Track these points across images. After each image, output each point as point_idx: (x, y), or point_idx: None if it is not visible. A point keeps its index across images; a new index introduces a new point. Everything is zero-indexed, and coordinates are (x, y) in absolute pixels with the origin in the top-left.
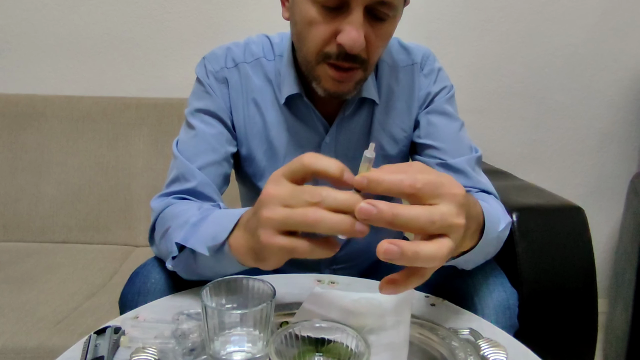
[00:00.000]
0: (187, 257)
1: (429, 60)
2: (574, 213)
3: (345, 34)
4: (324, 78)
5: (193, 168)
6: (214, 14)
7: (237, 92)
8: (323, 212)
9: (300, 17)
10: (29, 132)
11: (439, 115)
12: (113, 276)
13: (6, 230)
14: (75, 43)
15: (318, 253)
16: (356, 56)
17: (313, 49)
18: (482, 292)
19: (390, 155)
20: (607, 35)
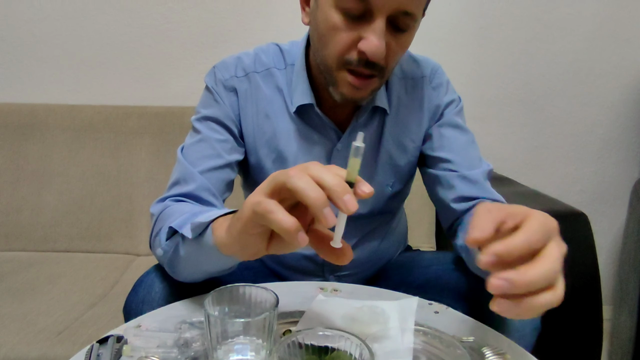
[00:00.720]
0: (175, 245)
1: (438, 73)
2: (577, 219)
3: (368, 41)
4: (342, 83)
5: (193, 171)
6: (215, 23)
7: (246, 101)
8: (307, 175)
9: (324, 22)
10: (32, 141)
11: (451, 128)
12: (115, 285)
13: (8, 240)
14: (77, 53)
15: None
16: (375, 64)
17: (334, 54)
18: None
19: (399, 165)
20: (606, 42)
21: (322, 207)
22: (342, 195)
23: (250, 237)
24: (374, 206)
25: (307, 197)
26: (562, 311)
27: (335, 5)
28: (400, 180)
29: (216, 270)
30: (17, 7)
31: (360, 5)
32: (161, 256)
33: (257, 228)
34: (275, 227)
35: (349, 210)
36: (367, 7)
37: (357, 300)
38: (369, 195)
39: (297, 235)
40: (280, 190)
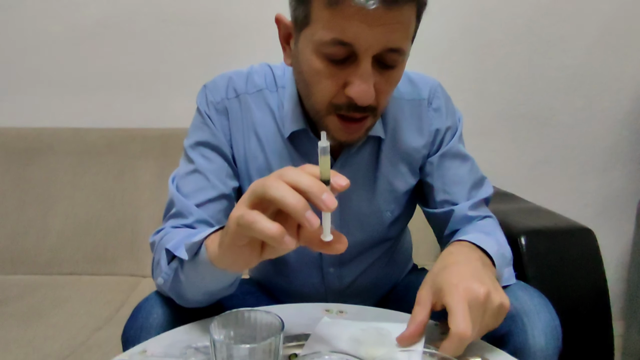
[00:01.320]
0: (173, 271)
1: (437, 94)
2: (583, 235)
3: (355, 87)
4: (334, 129)
5: (190, 205)
6: (217, 44)
7: (237, 124)
8: (283, 183)
9: (307, 68)
10: (37, 165)
11: (453, 157)
12: (120, 308)
13: (13, 264)
14: (81, 77)
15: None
16: (366, 106)
17: (321, 101)
18: (531, 313)
19: (398, 191)
20: (606, 56)
21: (303, 212)
22: (320, 195)
23: (240, 249)
24: (374, 234)
25: (287, 204)
26: (572, 328)
27: (316, 50)
28: (400, 206)
29: (218, 288)
30: (23, 33)
31: (343, 50)
32: (162, 285)
33: (245, 239)
34: (260, 236)
35: (329, 208)
36: (350, 50)
37: (363, 322)
38: (345, 187)
39: (283, 240)
40: (260, 200)
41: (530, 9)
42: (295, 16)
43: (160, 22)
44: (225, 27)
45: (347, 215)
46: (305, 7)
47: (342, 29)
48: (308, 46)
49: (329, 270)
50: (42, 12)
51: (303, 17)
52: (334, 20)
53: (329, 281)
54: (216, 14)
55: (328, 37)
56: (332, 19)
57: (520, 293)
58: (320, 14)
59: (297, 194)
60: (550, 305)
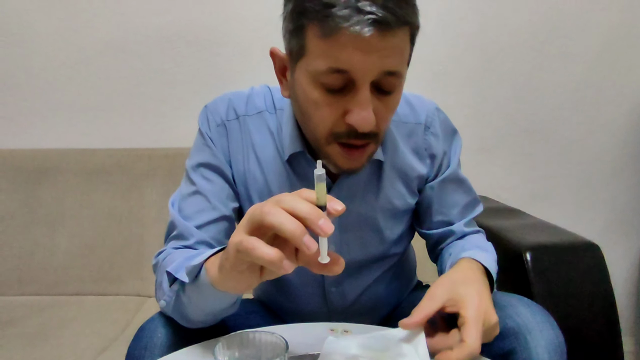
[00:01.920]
0: (175, 294)
1: (434, 118)
2: (589, 250)
3: (355, 114)
4: (335, 157)
5: (190, 227)
6: (223, 65)
7: (237, 145)
8: (280, 209)
9: (304, 98)
10: (45, 185)
11: (452, 182)
12: (126, 329)
13: (21, 284)
14: (89, 98)
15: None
16: (367, 133)
17: (322, 130)
18: (534, 331)
19: (399, 210)
20: (607, 70)
21: (301, 237)
22: (317, 221)
23: (240, 273)
24: (375, 252)
25: (285, 231)
26: (580, 345)
27: (313, 81)
28: (400, 224)
29: (220, 309)
30: (32, 56)
31: (341, 78)
32: (164, 307)
33: (245, 264)
34: (259, 262)
35: (326, 234)
36: (348, 78)
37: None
38: (340, 212)
39: (282, 265)
40: (259, 226)
41: (532, 24)
42: (290, 48)
43: (166, 43)
44: (230, 48)
45: (347, 234)
46: (299, 38)
47: (338, 58)
48: (305, 77)
49: (331, 289)
50: (50, 35)
51: (298, 49)
52: (329, 50)
53: (331, 300)
54: (221, 36)
55: (324, 66)
56: (327, 48)
57: (523, 310)
58: (315, 44)
59: (295, 220)
60: (554, 322)
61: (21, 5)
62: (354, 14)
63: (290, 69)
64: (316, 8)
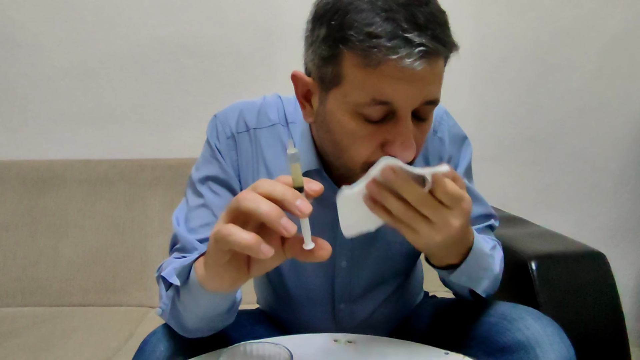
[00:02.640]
0: (171, 300)
1: (442, 122)
2: (595, 259)
3: (398, 146)
4: None
5: (193, 240)
6: (225, 76)
7: (247, 159)
8: (256, 194)
9: (339, 128)
10: (49, 196)
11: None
12: (129, 339)
13: (24, 295)
14: (93, 109)
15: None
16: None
17: (357, 161)
18: (544, 345)
19: None
20: (611, 78)
21: (277, 219)
22: (294, 201)
23: (224, 267)
24: (383, 267)
25: (260, 214)
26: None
27: (350, 111)
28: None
29: (215, 314)
30: (36, 67)
31: (382, 110)
32: (162, 314)
33: (225, 255)
34: (236, 247)
35: (304, 214)
36: (389, 109)
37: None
38: (319, 192)
39: (259, 248)
40: (237, 215)
41: (535, 34)
42: (320, 75)
43: (169, 55)
44: (232, 59)
45: (355, 251)
46: (334, 66)
47: (381, 89)
48: (340, 107)
49: (340, 306)
50: (54, 47)
51: (332, 77)
52: (371, 81)
53: (340, 318)
54: (223, 47)
55: (366, 98)
56: (369, 79)
57: (532, 322)
58: (354, 73)
59: (270, 203)
60: (564, 335)
61: (26, 16)
62: (403, 45)
63: (318, 96)
64: (359, 37)
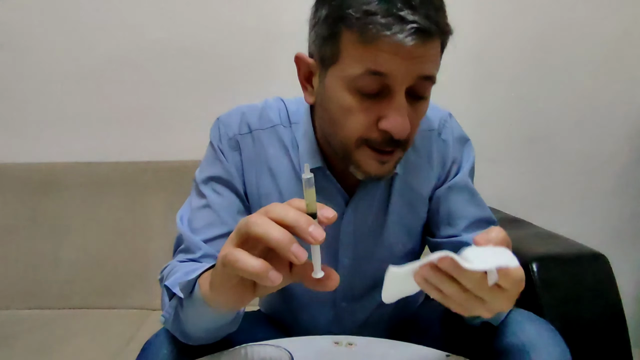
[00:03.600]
0: (174, 309)
1: (447, 124)
2: (596, 261)
3: (391, 120)
4: (365, 162)
5: (198, 241)
6: (226, 77)
7: (250, 160)
8: (267, 219)
9: (336, 105)
10: (50, 199)
11: (460, 191)
12: (130, 342)
13: (25, 298)
14: (93, 112)
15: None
16: (399, 140)
17: (352, 137)
18: (538, 349)
19: (410, 225)
20: (612, 79)
21: (288, 246)
22: (307, 228)
23: (230, 289)
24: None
25: (271, 240)
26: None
27: (347, 86)
28: (411, 239)
29: (218, 326)
30: (36, 70)
31: (377, 81)
32: (164, 322)
33: (233, 279)
34: (245, 274)
35: (317, 241)
36: (384, 82)
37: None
38: (332, 220)
39: (268, 276)
40: (246, 239)
41: (535, 34)
42: (321, 54)
43: (170, 57)
44: (233, 60)
45: (358, 249)
46: (333, 44)
47: (376, 61)
48: (337, 83)
49: (342, 305)
50: (55, 49)
51: (331, 55)
52: (366, 54)
53: (341, 318)
54: (224, 48)
55: (361, 69)
56: (364, 53)
57: (527, 326)
58: (352, 49)
59: (281, 229)
60: (560, 339)
61: (26, 19)
62: (396, 22)
63: (319, 75)
64: (356, 15)
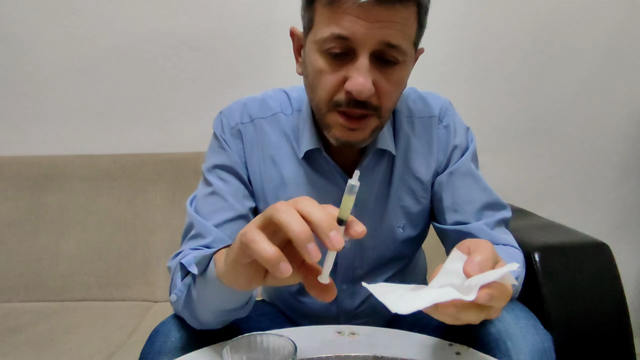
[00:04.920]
0: (186, 288)
1: (448, 112)
2: (599, 250)
3: (352, 80)
4: (335, 126)
5: (209, 225)
6: (226, 70)
7: (252, 147)
8: (293, 209)
9: (311, 68)
10: (50, 192)
11: (463, 176)
12: (132, 334)
13: (27, 291)
14: (94, 104)
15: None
16: (366, 103)
17: (323, 98)
18: (515, 337)
19: (410, 208)
20: (614, 70)
21: (306, 241)
22: (328, 232)
23: (243, 267)
24: (386, 250)
25: (291, 230)
26: (590, 347)
27: (318, 49)
28: (412, 224)
29: (228, 308)
30: (37, 64)
31: (342, 45)
32: (175, 301)
33: (247, 258)
34: (256, 256)
35: (334, 247)
36: (349, 45)
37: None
38: (360, 235)
39: (278, 265)
40: (268, 223)
41: (537, 24)
42: (303, 23)
43: (170, 49)
44: (233, 53)
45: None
46: (309, 11)
47: (340, 24)
48: (311, 47)
49: (342, 287)
50: (54, 42)
51: (308, 22)
52: (332, 17)
53: (341, 299)
54: (224, 41)
55: (327, 32)
56: (331, 16)
57: (505, 314)
58: (322, 14)
59: (304, 223)
60: (539, 326)
61: (26, 12)
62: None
63: (304, 45)
64: None
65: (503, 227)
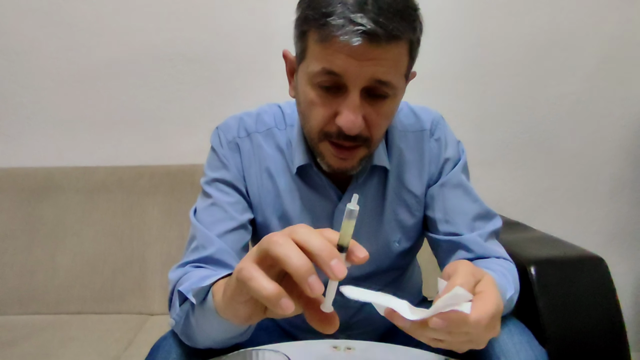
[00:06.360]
0: (185, 314)
1: (439, 125)
2: (594, 264)
3: (343, 117)
4: (327, 155)
5: (211, 236)
6: (223, 83)
7: (249, 161)
8: (291, 241)
9: (303, 98)
10: (46, 204)
11: (454, 188)
12: (127, 347)
13: (22, 304)
14: (90, 116)
15: (268, 298)
16: (356, 136)
17: (315, 128)
18: (509, 353)
19: (405, 222)
20: (607, 82)
21: (306, 276)
22: (329, 261)
23: (241, 304)
24: (382, 264)
25: (290, 265)
26: None
27: (309, 81)
28: (407, 237)
29: (225, 338)
30: (33, 75)
31: (333, 80)
32: (174, 326)
33: (245, 296)
34: (255, 295)
35: (336, 277)
36: (340, 81)
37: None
38: (363, 261)
39: (279, 303)
40: (266, 257)
41: (532, 37)
42: (296, 51)
43: (167, 62)
44: (230, 65)
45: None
46: (302, 43)
47: (331, 61)
48: (303, 78)
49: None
50: (51, 54)
51: (300, 52)
52: (324, 53)
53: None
54: (220, 53)
55: (319, 67)
56: (322, 51)
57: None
58: (314, 48)
59: (303, 256)
60: (534, 342)
61: (22, 24)
62: (347, 24)
63: (296, 70)
64: (316, 16)
65: (495, 239)
